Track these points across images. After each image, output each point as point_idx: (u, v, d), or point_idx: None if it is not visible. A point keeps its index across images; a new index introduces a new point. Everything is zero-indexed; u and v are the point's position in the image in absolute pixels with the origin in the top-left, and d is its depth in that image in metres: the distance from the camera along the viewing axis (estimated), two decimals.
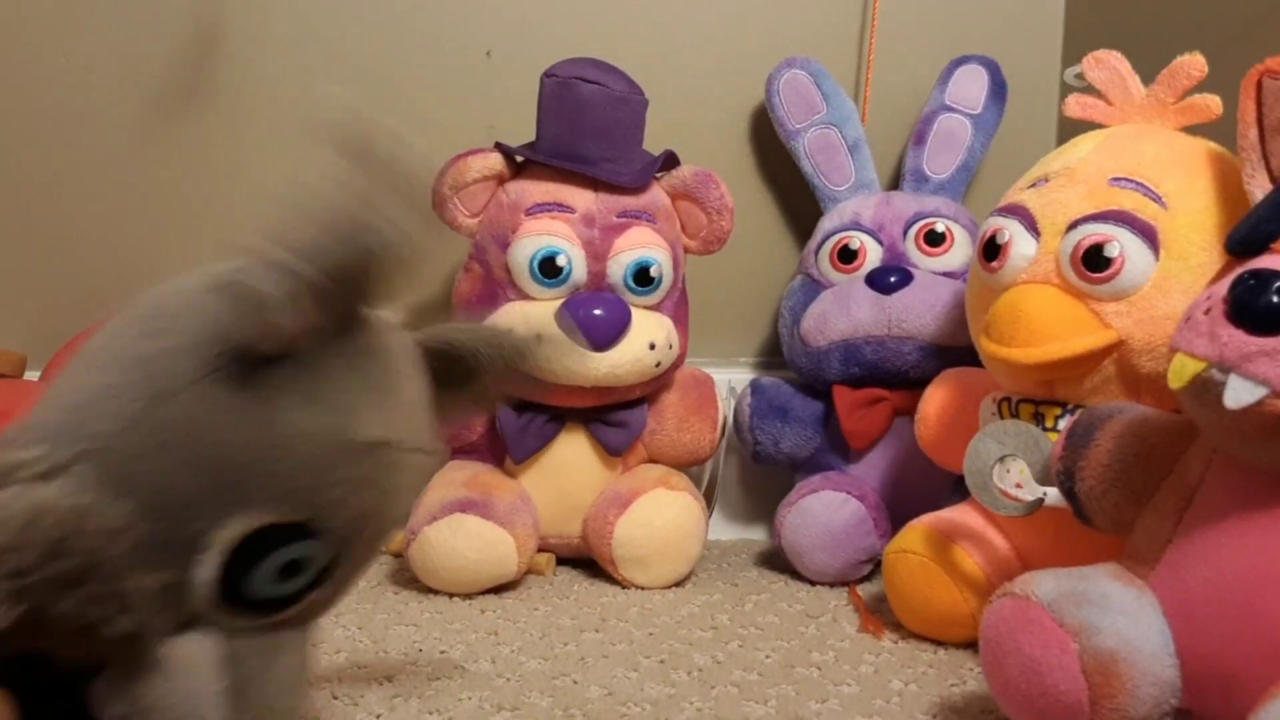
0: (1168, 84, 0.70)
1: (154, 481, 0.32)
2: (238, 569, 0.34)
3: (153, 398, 0.33)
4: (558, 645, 0.73)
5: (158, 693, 0.33)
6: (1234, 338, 0.47)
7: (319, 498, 0.34)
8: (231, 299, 0.32)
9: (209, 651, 0.34)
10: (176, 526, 0.33)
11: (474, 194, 0.85)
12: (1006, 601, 0.55)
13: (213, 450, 0.33)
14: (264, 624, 0.35)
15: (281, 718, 0.36)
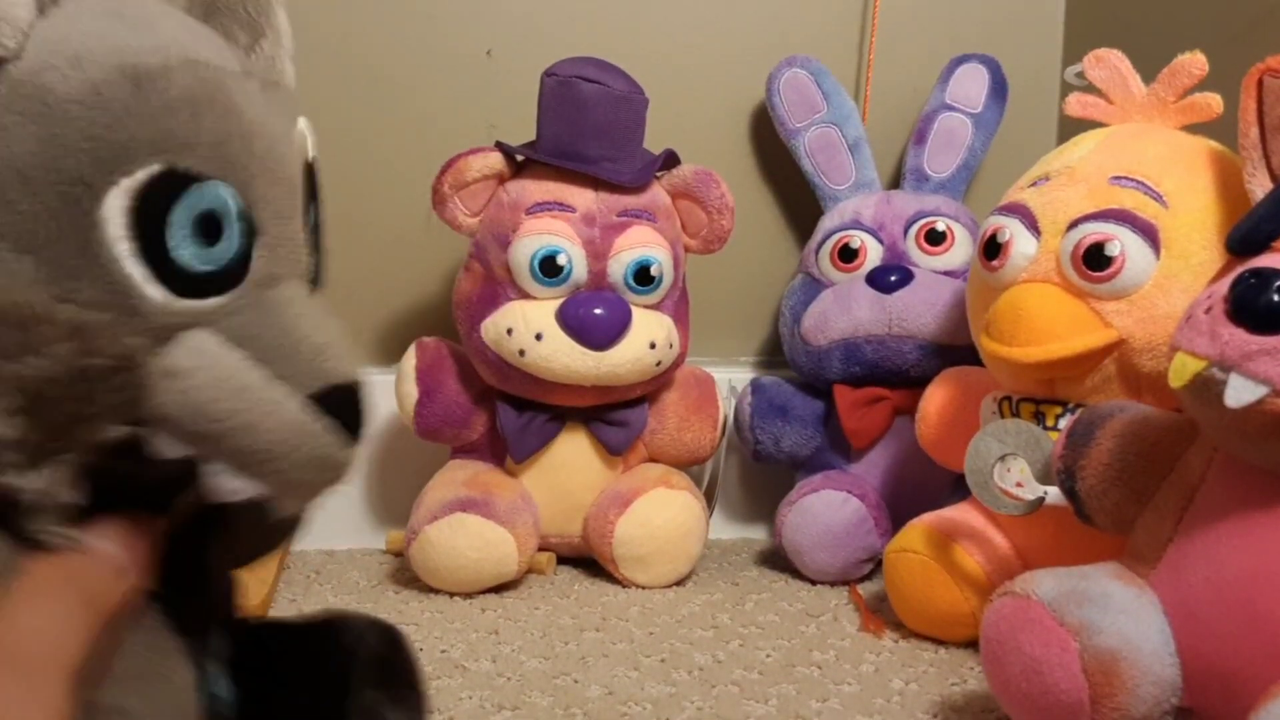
0: (1168, 83, 0.70)
1: (3, 226, 0.31)
2: (154, 250, 0.33)
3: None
4: (558, 644, 0.73)
5: (185, 391, 0.32)
6: (1235, 336, 0.47)
7: (154, 134, 0.33)
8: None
9: (208, 338, 0.34)
10: (55, 246, 0.32)
11: (474, 193, 0.85)
12: (1007, 600, 0.55)
13: (22, 163, 0.32)
14: (242, 296, 0.35)
15: (321, 356, 0.35)
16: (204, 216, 0.33)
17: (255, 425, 0.33)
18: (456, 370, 0.89)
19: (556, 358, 0.82)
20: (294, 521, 0.40)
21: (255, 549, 0.41)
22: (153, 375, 0.32)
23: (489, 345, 0.84)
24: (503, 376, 0.85)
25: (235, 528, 0.37)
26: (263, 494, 0.34)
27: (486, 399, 0.89)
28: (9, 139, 0.32)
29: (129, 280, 0.32)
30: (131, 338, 0.32)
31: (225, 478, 0.33)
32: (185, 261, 0.33)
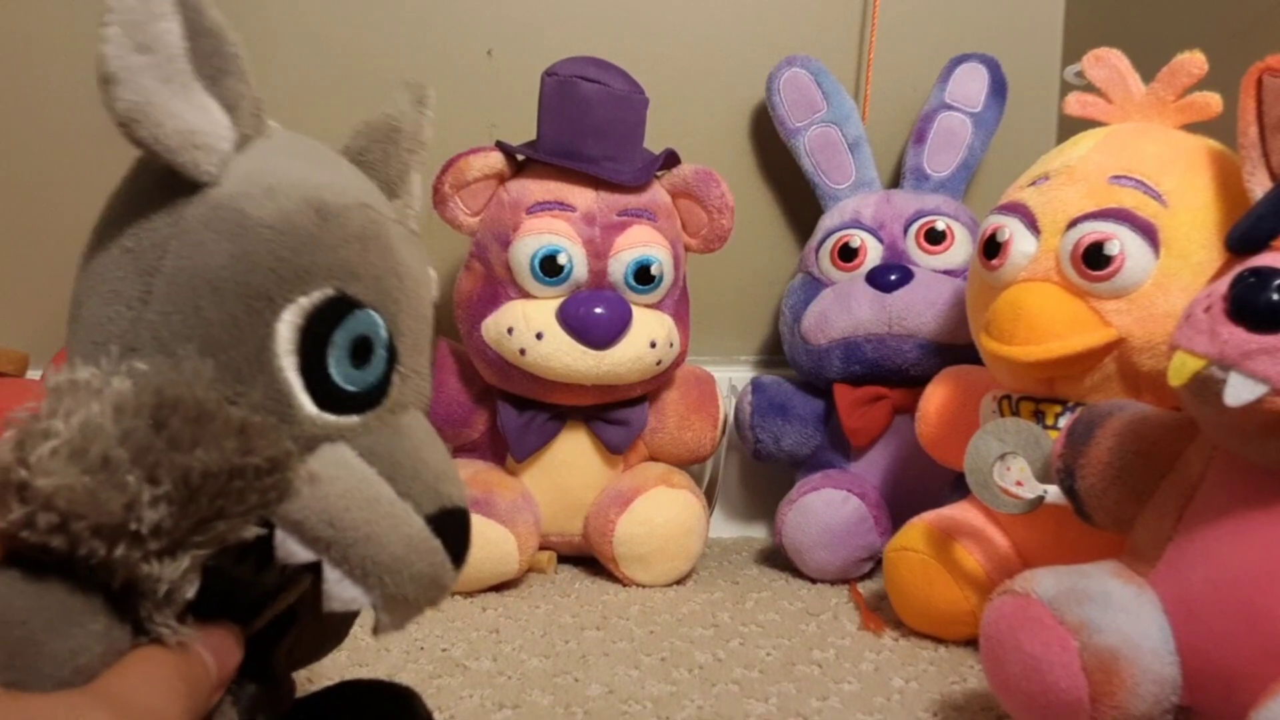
0: (1168, 82, 0.70)
1: (191, 329, 0.34)
2: (314, 366, 0.36)
3: (141, 273, 0.35)
4: (559, 643, 0.73)
5: (322, 498, 0.35)
6: (1234, 335, 0.47)
7: (331, 262, 0.36)
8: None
9: (345, 452, 0.36)
10: (231, 352, 0.35)
11: (475, 192, 0.85)
12: (1007, 599, 0.55)
13: (215, 275, 0.35)
14: (375, 418, 0.37)
15: (440, 480, 0.38)
16: (359, 340, 0.37)
17: (380, 537, 0.36)
18: (457, 369, 0.89)
19: (557, 357, 0.82)
20: (349, 627, 0.43)
21: (319, 650, 0.43)
22: (298, 480, 0.34)
23: (489, 344, 0.84)
24: (503, 375, 0.85)
25: (306, 630, 0.40)
26: (373, 605, 0.36)
27: (487, 398, 0.89)
28: (205, 253, 0.35)
29: (289, 390, 0.35)
30: (288, 442, 0.34)
31: (343, 585, 0.35)
32: (338, 379, 0.36)
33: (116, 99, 0.33)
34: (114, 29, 0.33)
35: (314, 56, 0.98)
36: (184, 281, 0.35)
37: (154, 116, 0.34)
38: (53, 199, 0.98)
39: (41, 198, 0.98)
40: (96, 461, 0.30)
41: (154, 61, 0.34)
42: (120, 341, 0.34)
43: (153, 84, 0.34)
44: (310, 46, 0.98)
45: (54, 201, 0.98)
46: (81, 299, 0.36)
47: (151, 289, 0.35)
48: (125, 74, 0.34)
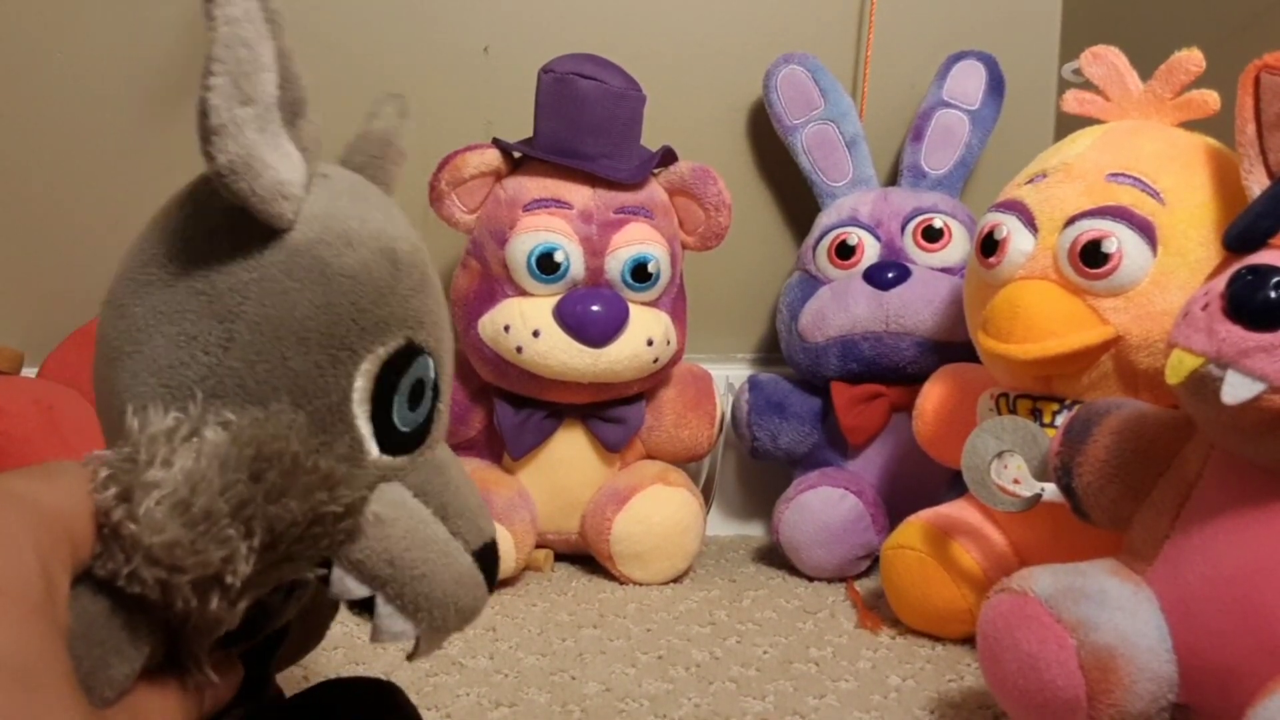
0: (1165, 79, 0.70)
1: (278, 379, 0.35)
2: (381, 411, 0.37)
3: (219, 318, 0.35)
4: (556, 641, 0.73)
5: (383, 539, 0.36)
6: (1232, 333, 0.47)
7: (405, 312, 0.37)
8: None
9: (402, 491, 0.37)
10: (319, 398, 0.35)
11: (471, 190, 0.85)
12: (1004, 597, 0.55)
13: (300, 325, 0.35)
14: (421, 455, 0.38)
15: (480, 515, 0.40)
16: (417, 384, 0.38)
17: (435, 575, 0.37)
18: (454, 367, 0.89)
19: (554, 354, 0.82)
20: (327, 627, 0.45)
21: (302, 652, 0.45)
22: (366, 523, 0.35)
23: (486, 342, 0.84)
24: (500, 373, 0.85)
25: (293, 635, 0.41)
26: (418, 635, 0.37)
27: (484, 396, 0.89)
28: (289, 302, 0.35)
29: (362, 437, 0.36)
30: (365, 489, 0.35)
31: (394, 619, 0.36)
32: (397, 423, 0.37)
33: (220, 151, 0.33)
34: (222, 80, 0.33)
35: (312, 54, 0.98)
36: (269, 330, 0.35)
37: (254, 169, 0.34)
38: (47, 198, 0.98)
39: (36, 196, 0.98)
40: (200, 514, 0.30)
41: (256, 113, 0.34)
42: (203, 387, 0.34)
43: (254, 136, 0.34)
44: (308, 44, 0.98)
45: (49, 201, 0.98)
46: (139, 335, 0.35)
47: (233, 336, 0.34)
48: (232, 127, 0.33)
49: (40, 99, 0.96)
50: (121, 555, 0.29)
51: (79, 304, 0.91)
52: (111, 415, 0.35)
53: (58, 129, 0.97)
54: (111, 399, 0.35)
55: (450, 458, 0.41)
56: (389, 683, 0.46)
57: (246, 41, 0.33)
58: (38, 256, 0.98)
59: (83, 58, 0.96)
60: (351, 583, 0.35)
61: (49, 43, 0.96)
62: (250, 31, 0.33)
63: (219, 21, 0.32)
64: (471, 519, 0.39)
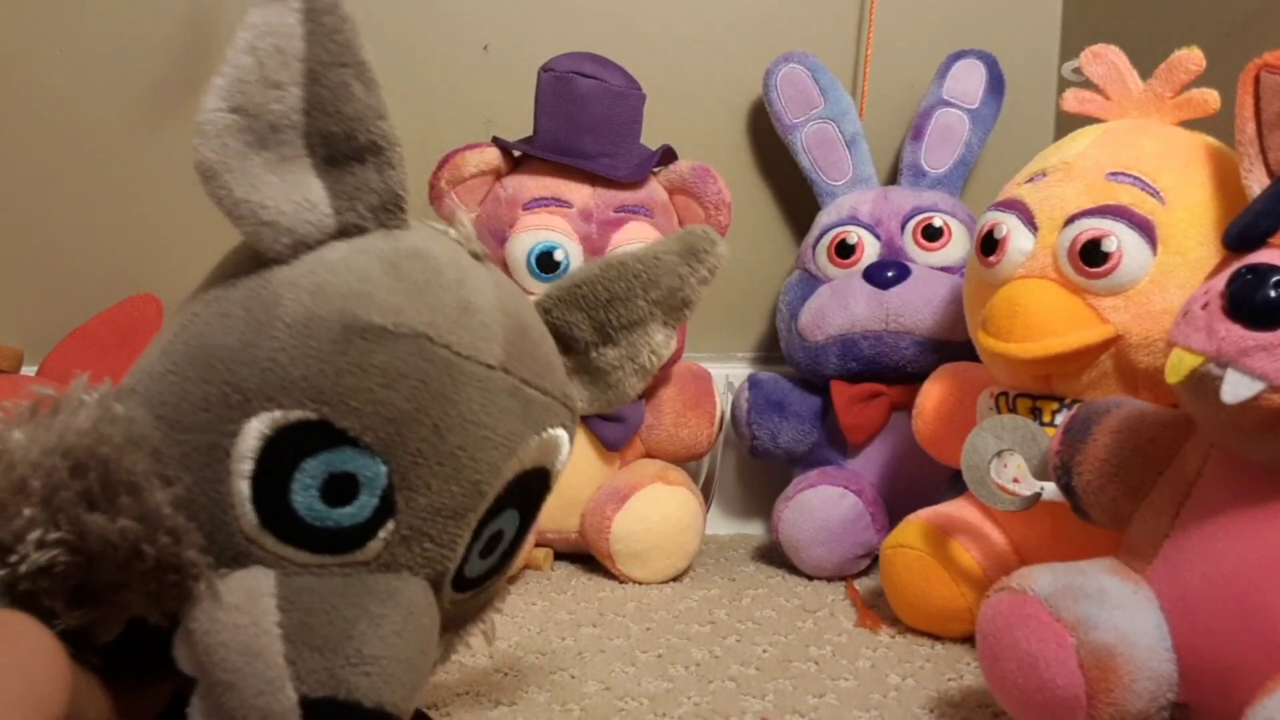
0: (1165, 79, 0.70)
1: (171, 396, 0.34)
2: (272, 483, 0.33)
3: (181, 324, 0.35)
4: (555, 640, 0.73)
5: (211, 621, 0.32)
6: (1231, 332, 0.47)
7: (326, 386, 0.33)
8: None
9: (266, 584, 0.33)
10: (190, 435, 0.33)
11: (471, 188, 0.85)
12: (1004, 596, 0.55)
13: (215, 353, 0.34)
14: (338, 564, 0.33)
15: (359, 666, 0.33)
16: (340, 477, 0.33)
17: (241, 693, 0.32)
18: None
19: None
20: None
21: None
22: (201, 591, 0.32)
23: None
24: None
25: None
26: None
27: None
28: (223, 329, 0.33)
29: (233, 496, 0.33)
30: (194, 551, 0.32)
31: (199, 715, 0.33)
32: (299, 508, 0.33)
33: (195, 149, 0.33)
34: (222, 81, 0.32)
35: None
36: (195, 346, 0.34)
37: (223, 178, 0.33)
38: (49, 196, 0.98)
39: (38, 194, 0.98)
40: (15, 481, 0.29)
41: (248, 124, 0.32)
42: (132, 379, 0.34)
43: (238, 145, 0.32)
44: None
45: (50, 198, 0.98)
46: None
47: (175, 341, 0.34)
48: (210, 128, 0.32)
49: (40, 99, 0.96)
50: None
51: (79, 303, 0.91)
52: None
53: (58, 129, 0.97)
54: None
55: (398, 591, 0.34)
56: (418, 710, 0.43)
57: (257, 51, 0.32)
58: (38, 256, 0.98)
59: (83, 58, 0.96)
60: (183, 653, 0.33)
61: (49, 43, 0.96)
62: (264, 44, 0.32)
63: (243, 25, 0.32)
64: (330, 662, 0.32)
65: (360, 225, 0.35)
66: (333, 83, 0.34)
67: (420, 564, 0.35)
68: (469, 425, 0.35)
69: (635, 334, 0.42)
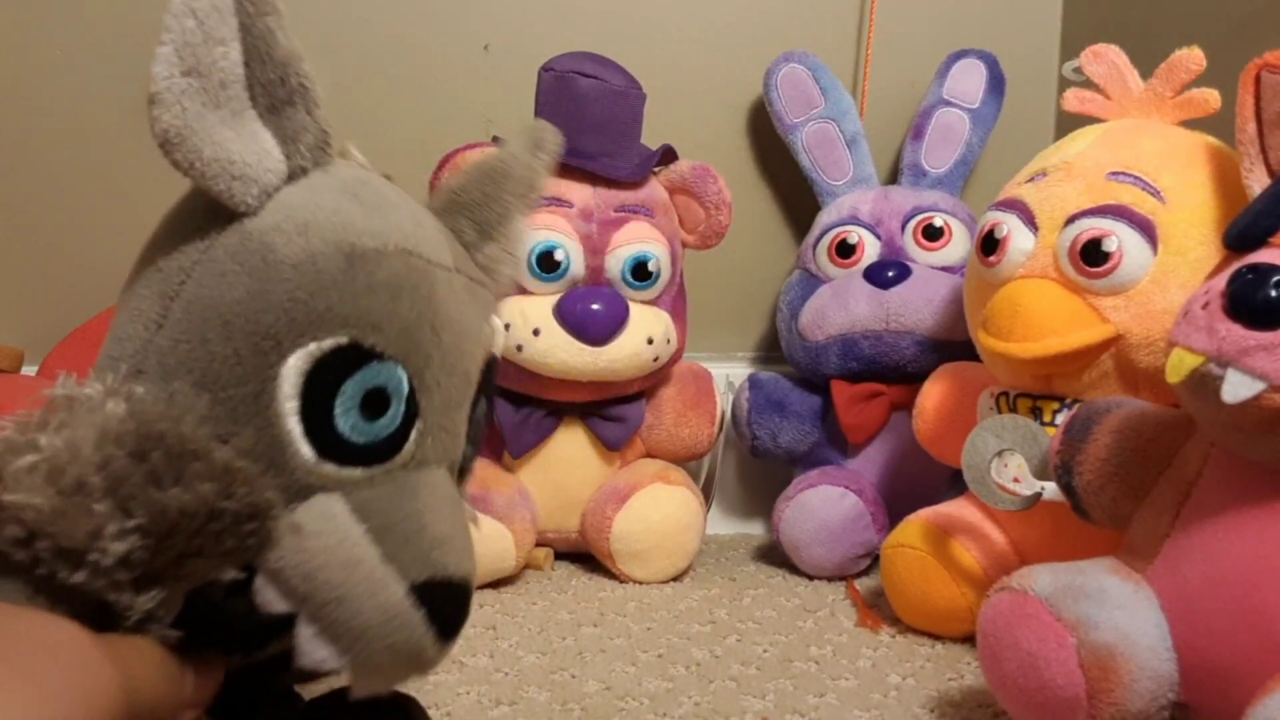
0: (1166, 78, 0.70)
1: (194, 360, 0.34)
2: (318, 414, 0.34)
3: (163, 296, 0.34)
4: (556, 640, 0.73)
5: (300, 552, 0.33)
6: (1232, 332, 0.47)
7: (350, 310, 0.35)
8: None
9: (338, 504, 0.35)
10: (231, 390, 0.34)
11: None
12: (1004, 596, 0.55)
13: (228, 309, 0.34)
14: (384, 472, 0.36)
15: (442, 545, 0.36)
16: (374, 392, 0.35)
17: (355, 602, 0.34)
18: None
19: (554, 353, 0.82)
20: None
21: (297, 683, 0.42)
22: (280, 529, 0.33)
23: None
24: (500, 372, 0.85)
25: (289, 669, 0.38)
26: (345, 668, 0.34)
27: None
28: (224, 285, 0.34)
29: (287, 436, 0.34)
30: (271, 492, 0.33)
31: (315, 644, 0.34)
32: (344, 430, 0.35)
33: (156, 119, 0.33)
34: (167, 49, 0.32)
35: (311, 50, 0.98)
36: (197, 311, 0.34)
37: (191, 141, 0.33)
38: (49, 195, 0.98)
39: (38, 193, 0.98)
40: (71, 484, 0.29)
41: (202, 85, 0.33)
42: (130, 361, 0.34)
43: (196, 108, 0.33)
44: (308, 41, 0.98)
45: (50, 198, 0.98)
46: (118, 312, 0.36)
47: (168, 313, 0.34)
48: (169, 95, 0.33)
49: (40, 99, 0.96)
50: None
51: (79, 302, 0.91)
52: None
53: (58, 129, 0.97)
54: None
55: (436, 484, 0.37)
56: (407, 695, 0.44)
57: (196, 13, 0.33)
58: (38, 256, 0.98)
59: (83, 58, 0.96)
60: (271, 594, 0.33)
61: (49, 43, 0.96)
62: (201, 4, 0.33)
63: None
64: (421, 548, 0.35)
65: (304, 166, 0.37)
66: (262, 31, 0.35)
67: (441, 456, 0.38)
68: (453, 322, 0.38)
69: (505, 227, 0.44)
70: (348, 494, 0.35)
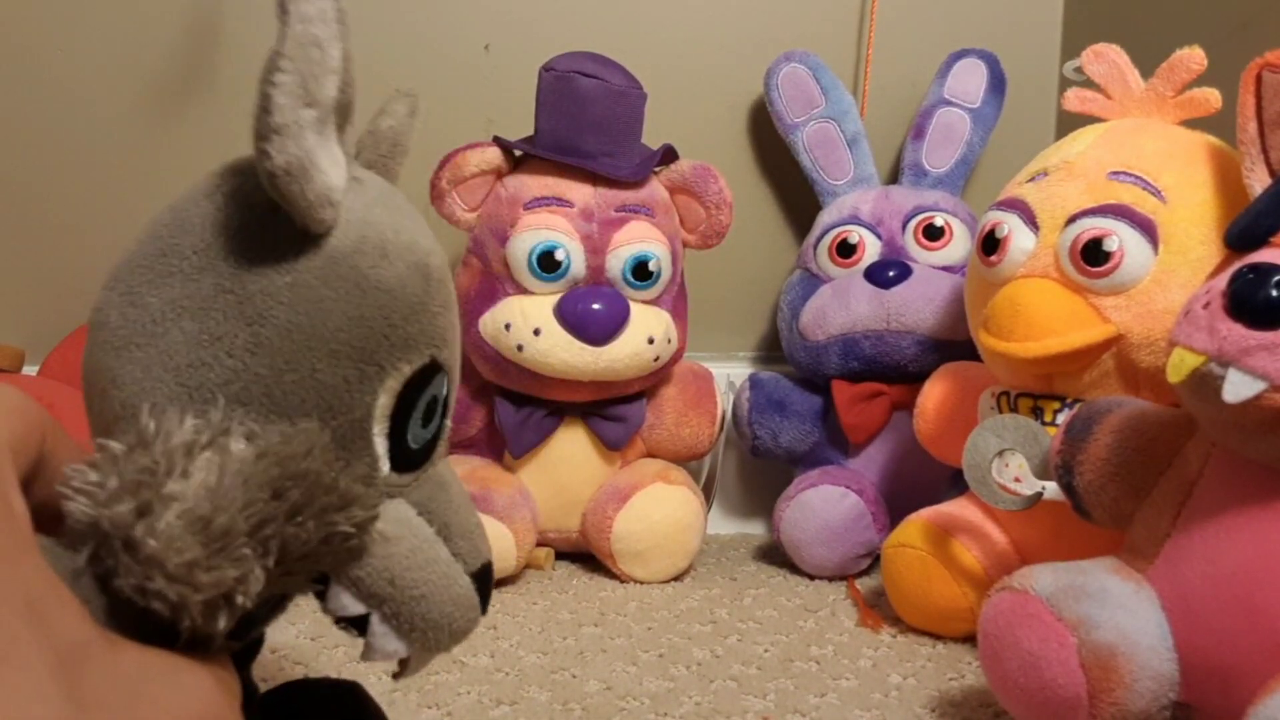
0: (1167, 78, 0.70)
1: (305, 390, 0.33)
2: (399, 430, 0.36)
3: (246, 320, 0.33)
4: (556, 640, 0.73)
5: (386, 558, 0.35)
6: (1233, 332, 0.47)
7: (433, 330, 0.37)
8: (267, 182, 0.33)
9: (406, 510, 0.37)
10: (340, 417, 0.34)
11: (472, 188, 0.85)
12: (1005, 595, 0.55)
13: (332, 336, 0.34)
14: (425, 472, 0.38)
15: (479, 536, 0.39)
16: (431, 401, 0.37)
17: (434, 596, 0.36)
18: None
19: (554, 353, 0.82)
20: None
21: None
22: (373, 540, 0.34)
23: (487, 340, 0.84)
24: (501, 371, 0.85)
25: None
26: (409, 655, 0.36)
27: (484, 394, 0.89)
28: (323, 312, 0.34)
29: (377, 456, 0.35)
30: (375, 509, 0.34)
31: (388, 639, 0.36)
32: (411, 441, 0.36)
33: (280, 151, 0.31)
34: (290, 79, 0.31)
35: None
36: (299, 339, 0.33)
37: (309, 172, 0.32)
38: (50, 195, 0.98)
39: (39, 193, 0.98)
40: (219, 532, 0.29)
41: (318, 116, 0.32)
42: (225, 392, 0.33)
43: (313, 139, 0.32)
44: None
45: (51, 197, 0.98)
46: (154, 328, 0.33)
47: (261, 340, 0.33)
48: (295, 128, 0.32)
49: (40, 99, 0.96)
50: (134, 564, 0.28)
51: (79, 303, 0.91)
52: (109, 405, 0.33)
53: (58, 129, 0.97)
54: (112, 390, 0.33)
55: (451, 474, 0.40)
56: (353, 682, 0.45)
57: (319, 42, 0.32)
58: (38, 256, 0.98)
59: (83, 58, 0.96)
60: (348, 599, 0.35)
61: (49, 43, 0.96)
62: (324, 32, 0.32)
63: (293, 18, 0.31)
64: (471, 540, 0.38)
65: (352, 178, 0.37)
66: (347, 54, 0.35)
67: (445, 450, 0.40)
68: (455, 322, 0.40)
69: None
70: (406, 497, 0.37)
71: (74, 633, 0.26)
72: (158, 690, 0.28)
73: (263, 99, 0.31)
